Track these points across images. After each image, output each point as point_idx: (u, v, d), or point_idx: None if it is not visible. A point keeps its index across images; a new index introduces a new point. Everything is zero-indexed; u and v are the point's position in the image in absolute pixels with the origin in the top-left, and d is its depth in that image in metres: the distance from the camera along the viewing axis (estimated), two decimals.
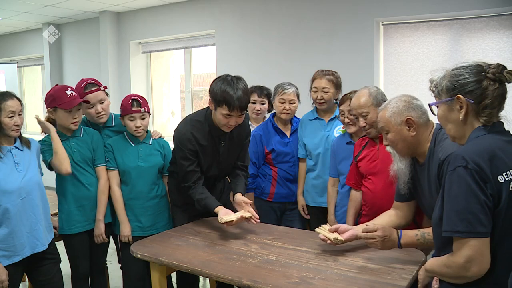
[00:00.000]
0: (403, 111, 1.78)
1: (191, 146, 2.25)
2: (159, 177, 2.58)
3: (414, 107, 1.79)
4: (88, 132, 2.48)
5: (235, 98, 2.09)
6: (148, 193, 2.49)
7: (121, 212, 2.46)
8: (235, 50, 4.70)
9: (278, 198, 2.83)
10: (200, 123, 2.29)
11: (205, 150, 2.30)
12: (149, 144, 2.54)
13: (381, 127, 1.86)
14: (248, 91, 2.18)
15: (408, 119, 1.76)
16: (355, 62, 3.92)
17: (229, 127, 2.22)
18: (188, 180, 2.29)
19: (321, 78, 2.71)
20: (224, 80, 2.15)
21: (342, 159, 2.55)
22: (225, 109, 2.12)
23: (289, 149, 2.84)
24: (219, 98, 2.12)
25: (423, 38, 3.78)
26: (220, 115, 2.16)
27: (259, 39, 4.54)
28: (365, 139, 2.35)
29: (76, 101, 2.31)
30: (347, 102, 2.46)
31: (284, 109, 2.78)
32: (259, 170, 2.87)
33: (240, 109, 2.13)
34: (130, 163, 2.47)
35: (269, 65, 4.45)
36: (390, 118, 1.80)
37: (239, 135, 2.39)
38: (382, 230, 1.77)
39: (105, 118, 2.55)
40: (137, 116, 2.44)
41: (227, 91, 2.09)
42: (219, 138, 2.32)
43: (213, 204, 2.21)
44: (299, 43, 4.29)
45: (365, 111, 2.20)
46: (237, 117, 2.16)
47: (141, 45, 5.72)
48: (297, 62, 4.27)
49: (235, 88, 2.11)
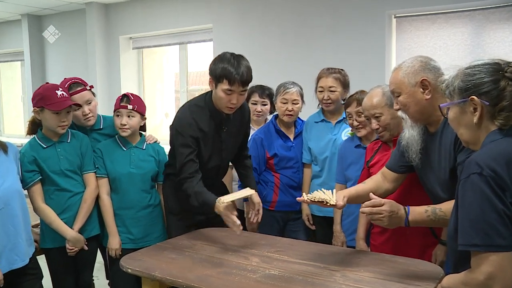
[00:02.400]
0: (418, 71, 1.78)
1: (192, 132, 2.29)
2: (153, 185, 2.59)
3: (431, 68, 1.79)
4: (77, 136, 2.48)
5: (236, 71, 2.16)
6: (140, 202, 2.50)
7: (110, 224, 2.47)
8: (234, 46, 4.70)
9: (280, 206, 2.85)
10: (201, 108, 2.34)
11: (207, 137, 2.34)
12: (143, 149, 2.56)
13: (392, 89, 1.86)
14: (250, 68, 2.25)
15: (424, 80, 1.76)
16: (364, 60, 3.93)
17: (230, 107, 2.26)
18: (185, 171, 2.29)
19: (327, 76, 2.73)
20: (224, 57, 2.23)
21: (350, 164, 2.57)
22: (225, 84, 2.18)
23: (292, 154, 2.86)
24: (219, 73, 2.19)
25: (441, 31, 3.78)
26: (221, 92, 2.21)
27: (260, 35, 4.56)
28: (378, 142, 2.36)
29: (66, 103, 2.31)
30: (354, 104, 2.48)
31: (286, 110, 2.80)
32: (260, 177, 2.89)
33: (242, 84, 2.19)
34: (120, 169, 2.48)
35: (271, 63, 4.46)
36: (403, 78, 1.79)
37: (240, 120, 2.44)
38: (389, 205, 1.73)
39: (92, 121, 2.56)
40: (123, 112, 2.46)
41: (227, 66, 2.18)
42: (220, 123, 2.37)
43: (212, 198, 2.20)
44: (303, 39, 4.31)
45: (378, 112, 2.21)
46: (239, 94, 2.22)
47: (132, 40, 5.74)
48: (301, 60, 4.28)
49: (236, 61, 2.19)
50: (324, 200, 1.86)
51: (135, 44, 5.72)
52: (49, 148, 2.37)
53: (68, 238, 2.36)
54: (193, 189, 2.26)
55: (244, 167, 2.62)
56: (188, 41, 5.26)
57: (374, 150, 2.37)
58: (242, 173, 2.64)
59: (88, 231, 2.47)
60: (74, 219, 2.40)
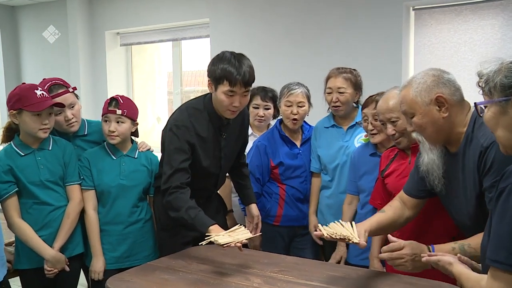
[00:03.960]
0: (432, 88, 1.77)
1: (189, 137, 2.31)
2: (143, 199, 2.60)
3: (445, 82, 1.78)
4: (59, 143, 2.49)
5: (237, 71, 2.19)
6: (128, 217, 2.51)
7: (95, 243, 2.48)
8: (233, 43, 4.71)
9: (286, 221, 2.87)
10: (199, 111, 2.37)
11: (205, 144, 2.36)
12: (134, 157, 2.57)
13: (404, 110, 1.86)
14: (252, 67, 2.28)
15: (439, 97, 1.75)
16: (379, 57, 3.94)
17: (232, 111, 2.29)
18: (176, 179, 2.25)
19: (337, 76, 2.76)
20: (224, 56, 2.26)
21: (364, 174, 2.59)
22: (226, 85, 2.21)
23: (299, 162, 2.88)
24: (219, 74, 2.22)
25: (466, 24, 3.77)
26: (222, 95, 2.24)
27: (262, 30, 4.56)
28: (394, 150, 2.38)
29: (47, 103, 2.32)
30: (373, 105, 2.49)
31: (291, 113, 2.82)
32: (263, 188, 2.91)
33: (244, 84, 2.22)
34: (109, 181, 2.49)
35: (275, 62, 4.46)
36: (415, 97, 1.79)
37: (240, 125, 2.48)
38: (410, 247, 1.75)
39: (76, 126, 2.57)
40: (112, 117, 2.47)
41: (227, 66, 2.21)
42: (220, 129, 2.40)
43: (207, 221, 2.17)
44: (310, 34, 4.30)
45: (394, 116, 2.22)
46: (241, 96, 2.25)
47: (120, 36, 5.76)
48: (308, 58, 4.28)
49: (237, 61, 2.22)
50: (346, 237, 1.84)
51: (123, 40, 5.74)
52: (27, 156, 2.37)
53: (47, 258, 2.36)
54: (185, 203, 2.22)
55: (241, 176, 2.67)
56: (182, 37, 5.29)
57: (389, 158, 2.39)
58: (240, 183, 2.68)
59: (70, 249, 2.48)
60: (54, 236, 2.40)
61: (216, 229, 2.14)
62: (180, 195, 2.25)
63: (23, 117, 2.32)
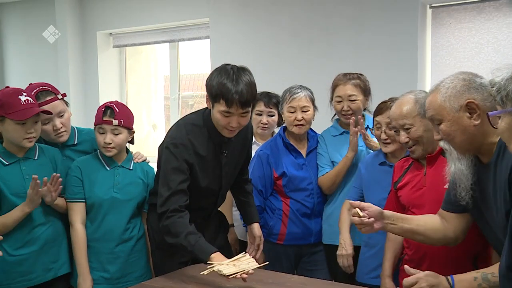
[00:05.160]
0: (462, 93, 1.76)
1: (187, 156, 2.32)
2: (137, 214, 2.61)
3: (477, 86, 1.77)
4: (47, 152, 2.50)
5: (234, 90, 2.18)
6: (121, 234, 2.52)
7: (82, 261, 2.47)
8: (235, 45, 4.71)
9: (291, 240, 2.88)
10: (198, 127, 2.38)
11: (204, 162, 2.38)
12: (130, 169, 2.59)
13: (431, 116, 1.85)
14: (253, 84, 2.27)
15: (470, 103, 1.74)
16: (392, 59, 3.92)
17: (230, 131, 2.30)
18: (174, 202, 2.26)
19: (345, 84, 2.80)
20: (223, 70, 2.26)
21: (372, 184, 2.62)
22: (222, 104, 2.22)
23: (305, 174, 2.89)
24: (216, 91, 2.22)
25: (489, 23, 3.75)
26: (218, 114, 2.25)
27: (266, 30, 4.54)
28: (408, 160, 2.39)
29: (32, 111, 2.31)
30: (386, 113, 2.51)
31: (295, 119, 2.84)
32: (265, 202, 2.92)
33: (241, 105, 2.21)
34: (101, 193, 2.50)
35: (280, 65, 4.45)
36: (444, 102, 1.79)
37: (243, 140, 2.48)
38: (425, 279, 1.75)
39: (66, 136, 2.59)
40: (107, 128, 2.47)
41: (225, 83, 2.20)
42: (220, 146, 2.41)
43: (208, 248, 2.17)
44: (318, 35, 4.28)
45: (408, 123, 2.24)
46: (239, 116, 2.25)
47: (113, 36, 5.76)
48: (317, 61, 4.26)
49: (235, 78, 2.21)
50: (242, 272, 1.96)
51: (116, 41, 5.74)
52: (11, 166, 2.37)
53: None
54: (185, 229, 2.22)
55: (244, 193, 2.69)
56: (180, 38, 5.29)
57: (403, 169, 2.40)
58: (241, 200, 2.70)
59: (55, 269, 2.49)
60: (37, 255, 2.40)
61: (218, 257, 2.13)
62: (179, 220, 2.25)
63: (5, 125, 2.32)
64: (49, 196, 2.35)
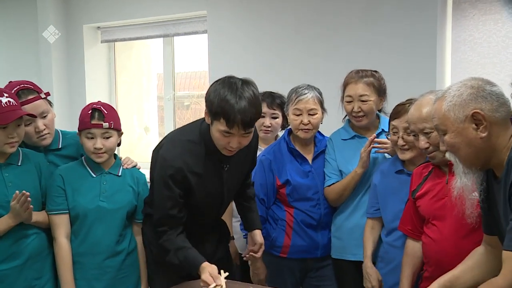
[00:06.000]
0: (468, 102, 1.77)
1: (181, 179, 2.33)
2: (128, 225, 2.63)
3: (486, 95, 1.77)
4: (32, 157, 2.51)
5: (236, 109, 2.16)
6: (109, 247, 2.53)
7: (67, 278, 2.48)
8: (234, 40, 4.72)
9: (295, 253, 2.89)
10: (194, 144, 2.39)
11: (203, 180, 2.39)
12: (118, 175, 2.61)
13: (436, 125, 1.87)
14: (257, 101, 2.27)
15: (475, 113, 1.75)
16: (409, 56, 3.91)
17: (230, 151, 2.31)
18: (164, 224, 2.37)
19: (357, 82, 2.80)
20: (225, 84, 2.24)
21: (388, 194, 2.63)
22: (222, 124, 2.21)
23: (310, 182, 2.90)
24: (216, 108, 2.21)
25: None
26: (218, 133, 2.25)
27: (268, 24, 4.53)
28: (428, 166, 2.41)
29: (15, 114, 2.33)
30: (404, 116, 2.51)
31: (301, 123, 2.84)
32: (268, 211, 2.93)
33: (243, 126, 2.21)
34: (86, 203, 2.51)
35: (284, 62, 4.43)
36: (448, 112, 1.80)
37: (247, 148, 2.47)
38: None
39: (49, 139, 2.60)
40: (97, 133, 2.49)
41: (227, 100, 2.18)
42: (220, 161, 2.42)
43: (197, 258, 2.28)
44: (326, 29, 4.26)
45: (428, 126, 2.25)
46: (240, 137, 2.25)
47: (101, 30, 5.77)
48: (324, 58, 4.24)
49: (239, 95, 2.18)
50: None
51: (105, 36, 5.75)
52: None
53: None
54: (173, 245, 2.33)
55: (246, 198, 2.71)
56: (175, 32, 5.30)
57: (422, 176, 2.41)
58: (244, 205, 2.73)
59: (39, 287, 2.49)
60: (20, 270, 2.41)
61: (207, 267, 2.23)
62: (168, 237, 2.36)
63: None
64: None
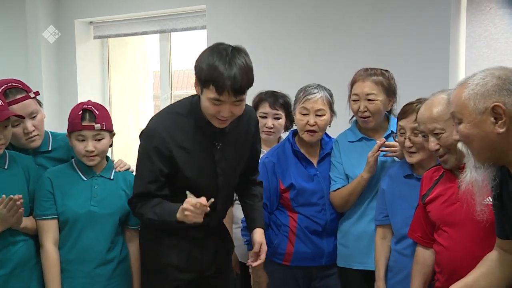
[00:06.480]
0: (491, 93, 1.74)
1: (165, 152, 2.35)
2: (120, 231, 2.64)
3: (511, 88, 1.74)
4: (19, 160, 2.51)
5: (226, 75, 2.19)
6: (100, 254, 2.54)
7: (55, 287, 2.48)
8: (235, 36, 4.64)
9: (299, 260, 2.89)
10: (182, 117, 2.41)
11: (191, 157, 2.40)
12: (110, 179, 2.62)
13: (452, 112, 1.86)
14: (249, 68, 2.28)
15: (496, 107, 1.72)
16: (420, 53, 3.91)
17: (221, 121, 2.33)
18: (139, 200, 2.41)
19: (364, 80, 2.80)
20: (214, 50, 2.28)
21: (397, 200, 2.63)
22: (212, 91, 2.23)
23: (316, 186, 2.91)
24: (205, 75, 2.24)
25: None
26: (207, 101, 2.28)
27: (271, 19, 4.54)
28: (439, 169, 2.41)
29: (2, 115, 2.32)
30: (412, 117, 2.52)
31: (307, 123, 2.85)
32: (271, 217, 2.93)
33: (234, 92, 2.23)
34: (76, 207, 2.52)
35: (287, 60, 4.45)
36: (467, 100, 1.77)
37: (245, 132, 2.49)
38: None
39: (38, 141, 2.61)
40: (88, 135, 2.50)
41: (216, 66, 2.21)
42: (212, 137, 2.42)
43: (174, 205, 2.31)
44: (332, 25, 4.26)
45: (439, 127, 2.26)
46: (231, 104, 2.27)
47: (93, 26, 5.78)
48: (329, 55, 4.25)
49: (229, 61, 2.22)
50: None
51: (98, 31, 5.76)
52: None
53: None
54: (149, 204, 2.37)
55: (250, 195, 2.70)
56: (172, 28, 5.30)
57: (433, 180, 2.41)
58: (247, 203, 2.71)
59: None
60: (6, 279, 2.41)
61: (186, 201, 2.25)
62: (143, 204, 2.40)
63: None
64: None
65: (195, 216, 2.21)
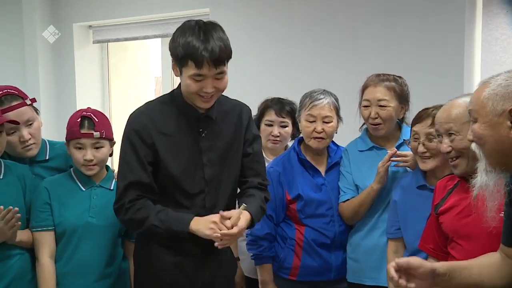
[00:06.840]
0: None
1: (146, 137, 2.34)
2: (119, 244, 2.65)
3: None
4: (14, 169, 2.52)
5: (203, 47, 2.20)
6: (98, 269, 2.54)
7: None
8: (239, 40, 4.62)
9: (305, 275, 2.89)
10: (164, 104, 2.44)
11: (174, 144, 2.38)
12: (110, 189, 2.62)
13: (469, 109, 1.86)
14: (224, 37, 2.31)
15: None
16: (433, 57, 3.89)
17: (205, 99, 2.32)
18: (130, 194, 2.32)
19: (376, 85, 2.81)
20: (185, 27, 2.30)
21: (409, 212, 2.63)
22: (191, 67, 2.24)
23: (324, 196, 2.91)
24: (181, 53, 2.25)
25: None
26: (188, 79, 2.28)
27: (276, 23, 4.52)
28: (454, 178, 2.40)
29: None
30: (427, 121, 2.53)
31: (313, 131, 2.86)
32: (277, 230, 2.94)
33: (214, 63, 2.23)
34: (74, 218, 2.52)
35: (293, 65, 4.41)
36: (487, 100, 1.78)
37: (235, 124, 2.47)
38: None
39: (35, 150, 2.62)
40: (87, 143, 2.51)
41: (190, 41, 2.23)
42: (196, 124, 2.41)
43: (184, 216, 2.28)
44: (340, 28, 4.25)
45: (454, 128, 2.26)
46: (213, 79, 2.28)
47: (93, 30, 5.79)
48: (338, 60, 4.23)
49: (202, 33, 2.24)
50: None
51: (97, 35, 5.78)
52: None
53: None
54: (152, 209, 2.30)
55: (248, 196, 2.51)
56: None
57: (447, 189, 2.41)
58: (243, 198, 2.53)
59: None
60: None
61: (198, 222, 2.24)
62: (142, 205, 2.32)
63: None
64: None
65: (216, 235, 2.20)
